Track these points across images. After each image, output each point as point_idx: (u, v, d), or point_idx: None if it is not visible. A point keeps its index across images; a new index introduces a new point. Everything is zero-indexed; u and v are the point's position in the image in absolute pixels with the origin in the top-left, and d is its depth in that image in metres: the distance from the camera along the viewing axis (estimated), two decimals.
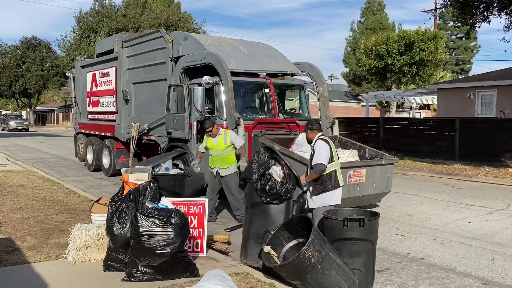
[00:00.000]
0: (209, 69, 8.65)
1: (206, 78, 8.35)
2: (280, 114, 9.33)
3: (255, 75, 9.44)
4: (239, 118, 7.96)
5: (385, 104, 38.37)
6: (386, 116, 30.81)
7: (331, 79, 66.59)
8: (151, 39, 10.48)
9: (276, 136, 8.40)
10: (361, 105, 44.21)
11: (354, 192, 7.32)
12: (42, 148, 22.05)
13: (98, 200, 5.61)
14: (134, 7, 29.60)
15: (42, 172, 12.51)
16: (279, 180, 5.21)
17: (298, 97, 10.16)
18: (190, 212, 5.35)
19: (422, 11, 31.84)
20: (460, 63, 52.36)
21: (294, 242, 4.51)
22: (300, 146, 7.68)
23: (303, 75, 10.30)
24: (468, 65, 52.79)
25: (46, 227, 6.26)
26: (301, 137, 7.97)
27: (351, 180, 7.18)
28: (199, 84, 8.46)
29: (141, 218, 4.24)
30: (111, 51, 12.35)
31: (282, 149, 7.43)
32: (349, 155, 7.85)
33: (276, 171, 5.32)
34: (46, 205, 7.73)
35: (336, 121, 9.62)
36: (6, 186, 9.51)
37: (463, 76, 47.67)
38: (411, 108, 30.49)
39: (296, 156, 7.18)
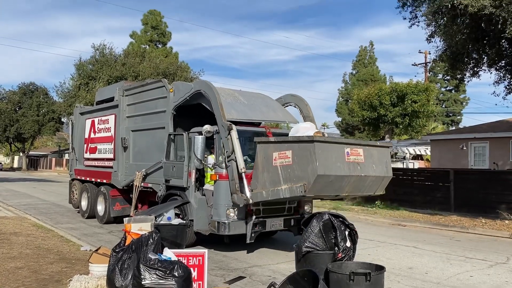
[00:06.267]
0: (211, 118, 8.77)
1: (206, 127, 8.47)
2: None
3: (255, 124, 9.59)
4: (243, 169, 7.96)
5: None
6: None
7: (324, 128, 67.55)
8: (152, 88, 10.67)
9: None
10: None
11: (355, 170, 7.33)
12: (34, 194, 21.76)
13: (97, 250, 5.50)
14: (134, 57, 30.18)
15: (35, 218, 12.30)
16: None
17: None
18: (189, 263, 5.26)
19: (413, 65, 32.91)
20: (450, 114, 53.55)
21: None
22: (296, 132, 8.20)
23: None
24: (458, 117, 54.03)
25: (41, 277, 6.09)
26: (295, 126, 8.62)
27: (350, 158, 7.29)
28: (200, 133, 8.55)
29: (143, 270, 4.16)
30: (111, 99, 12.49)
31: (278, 139, 7.70)
32: None
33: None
34: (40, 253, 7.55)
35: None
36: None
37: (454, 128, 48.62)
38: (404, 158, 30.76)
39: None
